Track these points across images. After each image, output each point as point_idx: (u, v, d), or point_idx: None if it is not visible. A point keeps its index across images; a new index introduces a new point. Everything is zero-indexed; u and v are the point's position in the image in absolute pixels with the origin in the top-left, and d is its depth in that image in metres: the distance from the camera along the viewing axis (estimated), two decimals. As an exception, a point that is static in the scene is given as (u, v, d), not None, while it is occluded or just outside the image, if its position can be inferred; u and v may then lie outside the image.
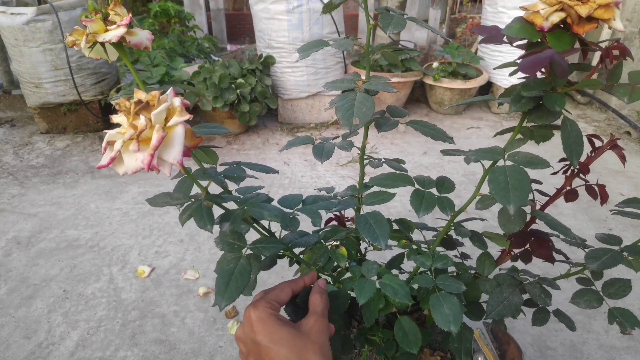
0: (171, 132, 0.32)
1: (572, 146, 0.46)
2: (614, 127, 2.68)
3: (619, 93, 0.42)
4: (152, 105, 0.32)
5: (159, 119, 0.32)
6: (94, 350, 1.25)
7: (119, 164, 0.33)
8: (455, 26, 4.25)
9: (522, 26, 0.43)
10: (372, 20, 0.55)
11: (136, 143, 0.31)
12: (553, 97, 0.44)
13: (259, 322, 0.44)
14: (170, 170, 0.34)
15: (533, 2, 0.44)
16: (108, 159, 0.32)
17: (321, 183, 2.10)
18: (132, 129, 0.31)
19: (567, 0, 0.40)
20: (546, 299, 0.64)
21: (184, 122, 0.33)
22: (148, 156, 0.31)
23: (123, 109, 0.32)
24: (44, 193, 2.03)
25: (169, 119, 0.33)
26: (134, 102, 0.32)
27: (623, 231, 1.74)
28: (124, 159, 0.32)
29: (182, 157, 0.33)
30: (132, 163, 0.32)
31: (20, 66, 2.40)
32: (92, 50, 0.49)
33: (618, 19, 0.40)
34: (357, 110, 0.46)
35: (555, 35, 0.42)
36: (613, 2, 0.39)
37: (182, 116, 0.33)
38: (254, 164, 0.54)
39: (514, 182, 0.44)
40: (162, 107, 0.32)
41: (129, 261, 1.59)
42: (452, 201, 0.60)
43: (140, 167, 0.32)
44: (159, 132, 0.31)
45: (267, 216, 0.42)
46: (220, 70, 2.33)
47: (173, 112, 0.33)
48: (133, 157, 0.31)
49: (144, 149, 0.31)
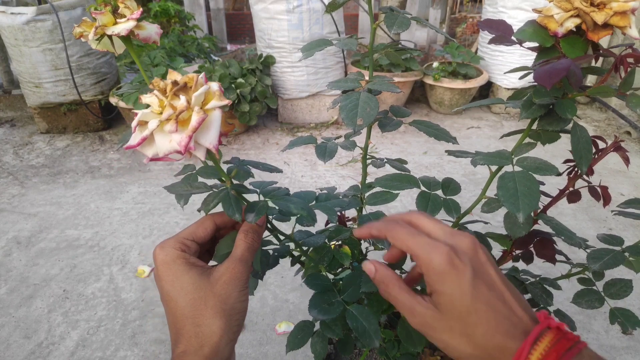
0: (210, 116, 0.31)
1: (582, 152, 0.46)
2: (614, 127, 2.68)
3: (632, 104, 0.41)
4: (189, 87, 0.31)
5: (198, 100, 0.31)
6: (94, 350, 1.24)
7: (149, 145, 0.31)
8: (455, 26, 4.25)
9: (535, 30, 0.42)
10: (374, 20, 0.55)
11: (174, 123, 0.30)
12: (565, 104, 0.44)
13: (163, 266, 0.38)
14: (204, 154, 0.32)
15: (545, 5, 0.43)
16: (139, 139, 0.31)
17: (321, 183, 2.10)
18: (170, 108, 0.30)
19: (583, 7, 0.39)
20: (548, 299, 0.65)
21: (221, 107, 0.32)
22: (186, 137, 0.30)
23: (157, 89, 0.31)
24: (44, 193, 2.03)
25: (206, 102, 0.32)
26: (170, 83, 0.31)
27: (623, 231, 1.74)
28: (157, 140, 0.31)
29: (217, 142, 0.32)
30: (165, 144, 0.30)
31: (20, 66, 2.40)
32: (100, 43, 0.49)
33: (634, 27, 0.39)
34: (361, 110, 0.45)
35: (569, 41, 0.41)
36: (630, 9, 0.39)
37: (221, 100, 0.32)
38: (258, 163, 0.53)
39: (523, 189, 0.44)
40: (202, 89, 0.31)
41: (129, 261, 1.59)
42: (458, 204, 0.60)
43: (174, 149, 0.30)
44: (199, 113, 0.30)
45: (293, 209, 0.40)
46: (220, 70, 2.33)
47: (211, 95, 0.32)
48: (167, 138, 0.30)
49: (182, 130, 0.30)
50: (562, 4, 0.41)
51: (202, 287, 0.37)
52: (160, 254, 0.38)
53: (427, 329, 0.33)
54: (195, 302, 0.36)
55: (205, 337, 0.36)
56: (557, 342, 0.29)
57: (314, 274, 0.57)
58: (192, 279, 0.37)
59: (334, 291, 0.56)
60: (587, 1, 0.39)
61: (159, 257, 0.38)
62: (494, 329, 0.31)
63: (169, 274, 0.37)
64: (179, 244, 0.39)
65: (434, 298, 0.33)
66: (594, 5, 0.39)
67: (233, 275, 0.38)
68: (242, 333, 1.30)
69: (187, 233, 0.40)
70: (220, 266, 0.39)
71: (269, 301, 1.41)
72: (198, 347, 0.35)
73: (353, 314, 0.52)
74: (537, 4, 2.49)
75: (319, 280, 0.56)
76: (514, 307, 0.32)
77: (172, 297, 0.37)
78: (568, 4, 0.41)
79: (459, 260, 0.32)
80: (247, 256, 0.40)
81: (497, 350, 0.31)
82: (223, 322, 0.36)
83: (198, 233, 0.41)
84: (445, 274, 0.32)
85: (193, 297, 0.36)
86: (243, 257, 0.39)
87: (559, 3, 0.41)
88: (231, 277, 0.38)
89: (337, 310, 0.53)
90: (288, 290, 1.45)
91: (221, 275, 0.38)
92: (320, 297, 0.54)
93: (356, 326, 0.51)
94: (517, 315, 0.32)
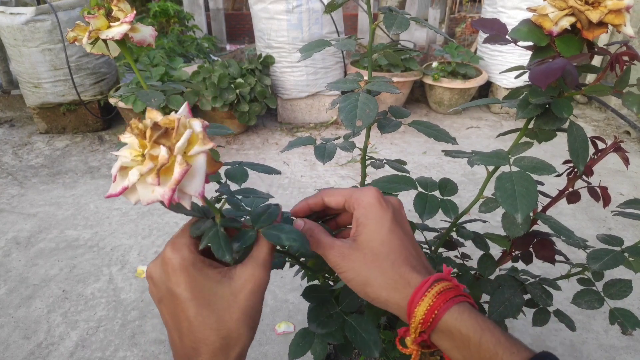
0: (193, 163, 0.29)
1: (579, 151, 0.46)
2: (613, 127, 2.68)
3: (628, 102, 0.41)
4: (171, 130, 0.29)
5: (181, 150, 0.29)
6: (93, 351, 1.24)
7: (132, 193, 0.30)
8: (454, 26, 4.25)
9: (530, 29, 0.42)
10: (373, 20, 0.55)
11: (156, 177, 0.28)
12: (561, 104, 0.44)
13: (180, 272, 0.34)
14: (190, 203, 0.31)
15: (540, 4, 0.43)
16: (120, 189, 0.29)
17: (321, 183, 2.10)
18: (150, 160, 0.28)
19: (578, 5, 0.39)
20: (547, 300, 0.65)
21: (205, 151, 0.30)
22: (169, 191, 0.28)
23: (136, 132, 0.29)
24: (44, 193, 2.03)
25: (190, 147, 0.30)
26: (150, 127, 0.29)
27: (623, 231, 1.74)
28: (139, 190, 0.29)
29: (203, 189, 0.30)
30: (148, 195, 0.29)
31: (19, 66, 2.40)
32: (94, 46, 0.49)
33: (629, 24, 0.39)
34: (360, 112, 0.45)
35: (564, 40, 0.41)
36: (624, 7, 0.38)
37: (205, 145, 0.29)
38: (257, 164, 0.53)
39: (521, 190, 0.44)
40: (185, 137, 0.29)
41: (128, 261, 1.59)
42: (456, 204, 0.60)
43: (157, 200, 0.29)
44: (182, 165, 0.28)
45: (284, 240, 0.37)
46: (220, 70, 2.32)
47: (195, 139, 0.30)
48: (149, 189, 0.29)
49: (164, 181, 0.28)
50: (556, 2, 0.41)
51: (225, 297, 0.35)
52: (174, 257, 0.35)
53: (341, 259, 0.37)
54: (220, 314, 0.34)
55: (231, 348, 0.35)
56: (454, 287, 0.35)
57: (311, 286, 0.57)
58: (213, 289, 0.35)
59: (333, 302, 0.56)
60: (581, 0, 0.40)
61: (173, 261, 0.35)
62: (402, 261, 0.36)
63: (185, 280, 0.34)
64: (193, 245, 0.36)
65: (357, 230, 0.38)
66: (588, 4, 0.39)
67: (257, 285, 0.36)
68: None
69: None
70: (242, 272, 0.36)
71: (269, 301, 1.41)
72: (224, 358, 0.35)
73: (352, 325, 0.52)
74: (536, 3, 2.49)
75: (316, 293, 0.56)
76: (420, 253, 0.38)
77: (192, 306, 0.34)
78: (563, 3, 0.41)
79: (384, 202, 0.38)
80: (269, 260, 0.38)
81: (402, 279, 0.35)
82: (248, 332, 0.36)
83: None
84: (373, 207, 0.38)
85: (217, 307, 0.34)
86: (265, 261, 0.37)
87: (554, 2, 0.41)
88: (255, 287, 0.36)
89: (336, 322, 0.53)
90: (288, 290, 1.45)
91: (244, 284, 0.35)
92: (319, 309, 0.54)
93: (355, 338, 0.51)
94: (421, 260, 0.38)
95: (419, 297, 0.33)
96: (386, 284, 0.35)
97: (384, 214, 0.37)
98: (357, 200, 0.38)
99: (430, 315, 0.33)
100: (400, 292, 0.35)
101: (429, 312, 0.33)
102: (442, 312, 0.33)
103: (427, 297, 0.33)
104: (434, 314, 0.33)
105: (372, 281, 0.35)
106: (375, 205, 0.38)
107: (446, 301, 0.33)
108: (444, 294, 0.33)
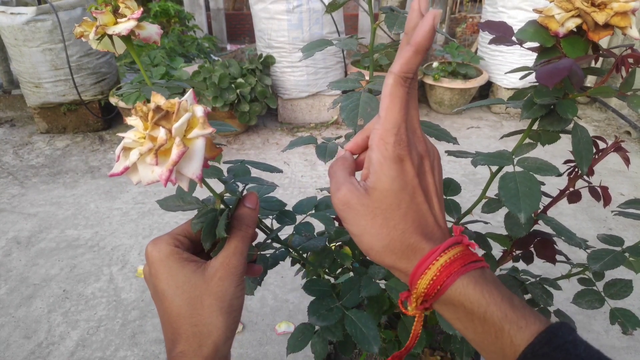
0: (192, 146, 0.30)
1: (582, 152, 0.46)
2: (614, 127, 2.68)
3: (633, 104, 0.41)
4: (172, 113, 0.30)
5: (179, 131, 0.30)
6: (94, 350, 1.24)
7: (134, 173, 0.31)
8: (455, 26, 4.25)
9: (536, 31, 0.43)
10: (374, 20, 0.55)
11: (154, 157, 0.29)
12: (566, 105, 0.44)
13: (158, 263, 0.36)
14: (188, 185, 0.31)
15: (546, 6, 0.43)
16: (122, 168, 0.30)
17: (321, 183, 2.10)
18: (150, 141, 0.29)
19: (584, 7, 0.39)
20: (548, 300, 0.65)
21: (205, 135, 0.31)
22: (166, 171, 0.29)
23: (140, 114, 0.30)
24: (44, 193, 2.03)
25: (190, 130, 0.31)
26: (152, 110, 0.30)
27: (623, 231, 1.74)
28: (139, 170, 0.30)
29: (201, 172, 0.31)
30: (148, 175, 0.30)
31: (20, 66, 2.40)
32: (100, 43, 0.49)
33: (634, 27, 0.39)
34: (361, 111, 0.45)
35: (569, 41, 0.41)
36: (630, 9, 0.39)
37: (205, 129, 0.30)
38: (258, 163, 0.53)
39: (525, 190, 0.44)
40: (183, 119, 0.30)
41: (129, 261, 1.59)
42: (459, 204, 0.60)
43: (156, 180, 0.30)
44: (179, 146, 0.29)
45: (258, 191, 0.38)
46: (220, 70, 2.33)
47: (195, 122, 0.31)
48: (149, 169, 0.30)
49: (162, 162, 0.29)
50: (563, 4, 0.41)
51: (197, 285, 0.36)
52: (153, 251, 0.37)
53: (348, 209, 0.32)
54: (192, 301, 0.35)
55: (204, 337, 0.35)
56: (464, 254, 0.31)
57: (313, 280, 0.57)
58: (187, 277, 0.36)
59: (333, 296, 0.56)
60: (588, 1, 0.40)
61: (152, 254, 0.37)
62: (414, 230, 0.32)
63: (163, 272, 0.36)
64: (172, 240, 0.38)
65: (371, 180, 0.32)
66: (594, 6, 0.39)
67: (228, 271, 0.36)
68: (242, 333, 1.30)
69: (181, 229, 0.40)
70: (214, 260, 0.37)
71: (269, 301, 1.41)
72: (197, 347, 0.35)
73: (352, 320, 0.52)
74: (537, 4, 2.49)
75: (317, 286, 0.56)
76: (438, 217, 0.34)
77: (168, 295, 0.36)
78: (569, 4, 0.41)
79: (409, 157, 0.32)
80: (241, 247, 0.38)
81: (410, 248, 0.32)
82: (221, 321, 0.36)
83: (191, 229, 0.40)
84: (392, 160, 0.31)
85: (189, 295, 0.35)
86: (237, 250, 0.38)
87: (560, 3, 0.41)
88: (226, 273, 0.36)
89: (336, 316, 0.53)
90: (288, 290, 1.45)
91: (216, 272, 0.36)
92: (319, 302, 0.54)
93: (355, 333, 0.51)
94: (438, 224, 0.33)
95: (423, 270, 0.31)
96: (392, 252, 0.32)
97: (403, 172, 0.32)
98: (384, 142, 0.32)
99: (433, 289, 0.31)
100: (407, 261, 0.32)
101: (431, 286, 0.31)
102: (446, 287, 0.30)
103: (431, 269, 0.31)
104: (437, 289, 0.31)
105: (378, 247, 0.33)
106: (396, 161, 0.31)
107: (451, 274, 0.30)
108: (450, 265, 0.30)
